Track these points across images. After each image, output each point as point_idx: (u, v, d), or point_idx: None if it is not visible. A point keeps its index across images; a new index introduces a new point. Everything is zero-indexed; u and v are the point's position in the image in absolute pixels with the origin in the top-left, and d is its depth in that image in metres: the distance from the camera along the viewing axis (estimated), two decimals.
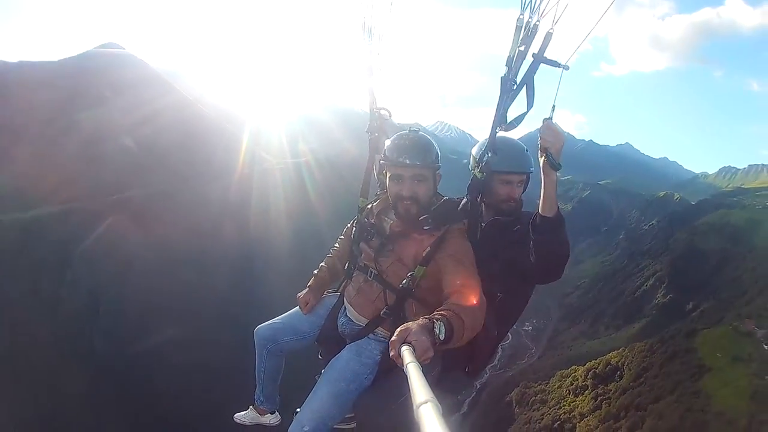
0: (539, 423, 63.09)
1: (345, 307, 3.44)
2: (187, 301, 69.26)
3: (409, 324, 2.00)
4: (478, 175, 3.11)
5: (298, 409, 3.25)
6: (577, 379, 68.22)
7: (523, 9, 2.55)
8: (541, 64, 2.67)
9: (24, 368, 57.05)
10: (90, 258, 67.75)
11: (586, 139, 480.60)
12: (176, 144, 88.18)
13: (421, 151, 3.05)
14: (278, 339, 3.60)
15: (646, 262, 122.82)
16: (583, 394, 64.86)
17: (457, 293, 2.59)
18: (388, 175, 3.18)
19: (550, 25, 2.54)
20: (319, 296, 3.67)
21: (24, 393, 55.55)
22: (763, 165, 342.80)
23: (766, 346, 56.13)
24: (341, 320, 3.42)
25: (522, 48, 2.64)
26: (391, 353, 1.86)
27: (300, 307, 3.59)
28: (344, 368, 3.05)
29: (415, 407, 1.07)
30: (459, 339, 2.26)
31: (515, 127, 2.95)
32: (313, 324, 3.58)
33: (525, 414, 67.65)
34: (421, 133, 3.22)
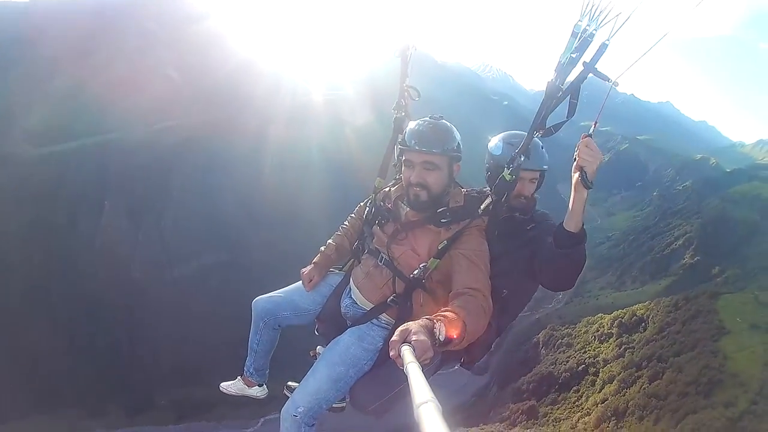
0: (564, 365, 66.18)
1: (350, 289, 3.50)
2: (227, 227, 72.51)
3: (410, 324, 2.07)
4: (508, 177, 3.11)
5: (290, 383, 3.63)
6: (603, 327, 71.35)
7: (582, 16, 2.64)
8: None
9: (62, 297, 60.67)
10: (129, 188, 69.84)
11: (627, 93, 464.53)
12: (219, 78, 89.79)
13: (435, 138, 3.09)
14: (277, 313, 3.64)
15: (676, 222, 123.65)
16: (608, 341, 68.11)
17: (465, 295, 2.70)
18: (402, 160, 3.28)
19: (606, 37, 2.62)
20: (323, 273, 3.74)
21: (59, 325, 59.35)
22: None
23: None
24: (345, 302, 3.48)
25: (574, 55, 2.72)
26: (391, 353, 1.92)
27: (303, 283, 3.65)
28: (344, 352, 3.14)
29: (415, 407, 1.10)
30: (459, 342, 2.29)
31: (553, 133, 3.06)
32: (314, 301, 3.63)
33: (551, 355, 71.01)
34: (442, 120, 3.24)
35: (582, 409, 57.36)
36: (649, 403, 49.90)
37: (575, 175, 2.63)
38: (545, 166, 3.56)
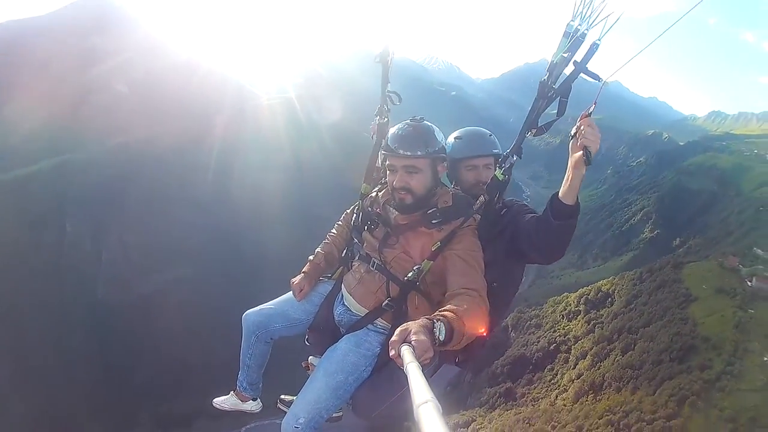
0: (536, 345, 67.08)
1: (343, 296, 3.45)
2: (188, 240, 72.41)
3: (409, 324, 2.05)
4: (500, 177, 3.13)
5: (282, 396, 3.64)
6: (570, 305, 72.44)
7: (574, 16, 2.68)
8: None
9: (30, 324, 59.42)
10: (89, 207, 69.36)
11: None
12: (168, 88, 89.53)
13: (415, 141, 3.06)
14: (269, 325, 3.57)
15: (633, 198, 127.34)
16: (576, 318, 69.10)
17: (462, 295, 2.66)
18: (386, 164, 3.25)
19: (597, 36, 2.63)
20: (313, 283, 3.67)
21: (29, 350, 58.10)
22: (753, 114, 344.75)
23: (749, 283, 59.36)
24: (338, 309, 3.41)
25: (566, 55, 2.74)
26: (391, 353, 1.91)
27: (293, 293, 3.57)
28: (342, 360, 3.07)
29: (414, 407, 1.11)
30: (458, 341, 2.29)
31: (545, 132, 3.04)
32: (307, 311, 3.57)
33: (521, 338, 71.82)
34: (424, 122, 3.20)
35: (559, 386, 57.97)
36: (625, 374, 50.51)
37: (577, 153, 2.62)
38: (495, 150, 3.64)
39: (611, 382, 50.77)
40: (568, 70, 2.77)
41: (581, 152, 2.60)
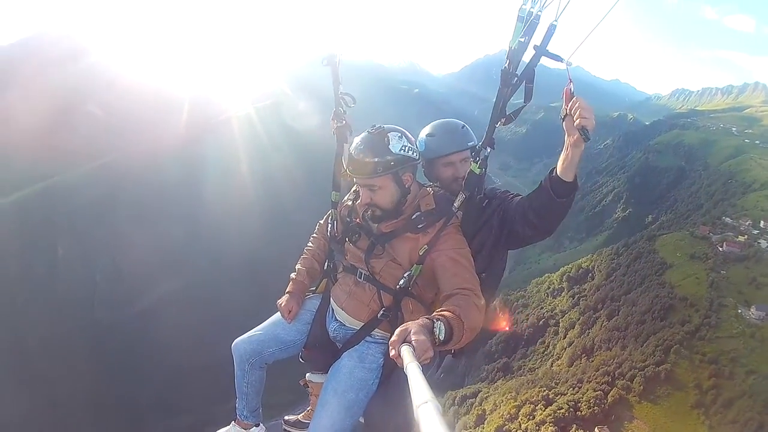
0: (526, 322, 73.00)
1: (334, 312, 3.39)
2: (180, 254, 75.12)
3: (409, 324, 2.01)
4: (477, 171, 3.02)
5: (287, 418, 3.83)
6: (553, 283, 79.19)
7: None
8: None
9: (32, 350, 62.09)
10: (79, 229, 71.54)
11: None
12: (141, 108, 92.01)
13: (367, 161, 2.95)
14: (262, 351, 3.48)
15: (603, 180, 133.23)
16: (560, 295, 75.77)
17: (457, 294, 2.61)
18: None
19: (553, 17, 2.54)
20: (300, 302, 3.58)
21: (41, 372, 60.62)
22: (717, 88, 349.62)
23: (720, 248, 66.17)
24: (332, 325, 3.36)
25: (523, 40, 2.65)
26: (391, 353, 1.87)
27: (282, 315, 3.50)
28: (350, 377, 3.03)
29: (414, 407, 1.12)
30: (458, 340, 2.24)
31: (513, 120, 2.95)
32: (299, 331, 3.51)
33: (510, 318, 76.30)
34: (380, 133, 3.02)
35: (552, 355, 64.10)
36: (613, 335, 57.21)
37: (576, 133, 2.52)
38: (471, 143, 3.51)
39: (601, 344, 57.22)
40: (529, 55, 2.71)
41: (578, 132, 2.52)
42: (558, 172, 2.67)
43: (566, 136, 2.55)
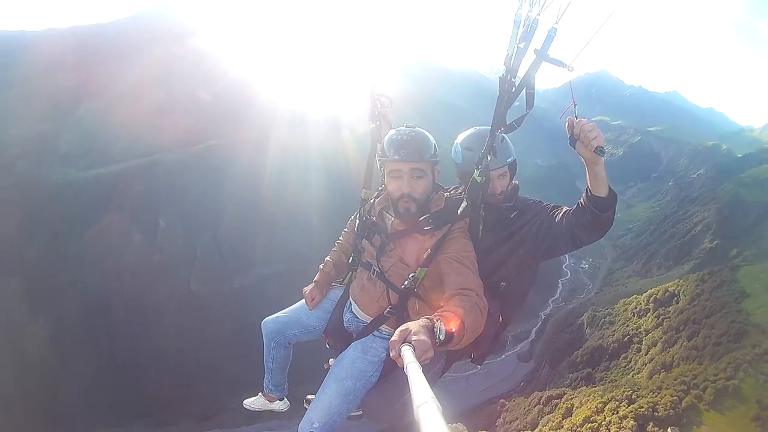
0: (611, 338, 80.00)
1: (350, 303, 3.75)
2: (277, 237, 79.31)
3: (410, 324, 2.16)
4: (478, 179, 3.28)
5: (309, 396, 3.78)
6: (640, 304, 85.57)
7: (521, 3, 2.74)
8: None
9: (121, 317, 66.36)
10: (181, 206, 75.92)
11: (635, 85, 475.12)
12: (245, 96, 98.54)
13: (417, 146, 3.27)
14: (285, 332, 3.91)
15: (694, 209, 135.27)
16: (646, 315, 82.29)
17: (459, 295, 2.81)
18: (385, 171, 3.43)
19: (553, 21, 2.67)
20: (324, 291, 3.99)
21: (126, 340, 65.27)
22: None
23: None
24: (347, 316, 3.74)
25: (521, 45, 2.81)
26: (392, 353, 1.99)
27: (306, 303, 3.91)
28: (351, 366, 3.35)
29: (415, 407, 1.16)
30: (459, 341, 2.42)
31: (515, 128, 3.20)
32: (320, 318, 3.90)
33: (597, 332, 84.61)
34: (417, 128, 3.41)
35: (633, 369, 71.42)
36: (691, 354, 64.83)
37: (589, 154, 2.68)
38: (509, 159, 3.63)
39: (679, 361, 64.87)
40: (530, 60, 2.88)
41: (593, 151, 2.66)
42: (591, 191, 2.86)
43: (582, 158, 2.76)
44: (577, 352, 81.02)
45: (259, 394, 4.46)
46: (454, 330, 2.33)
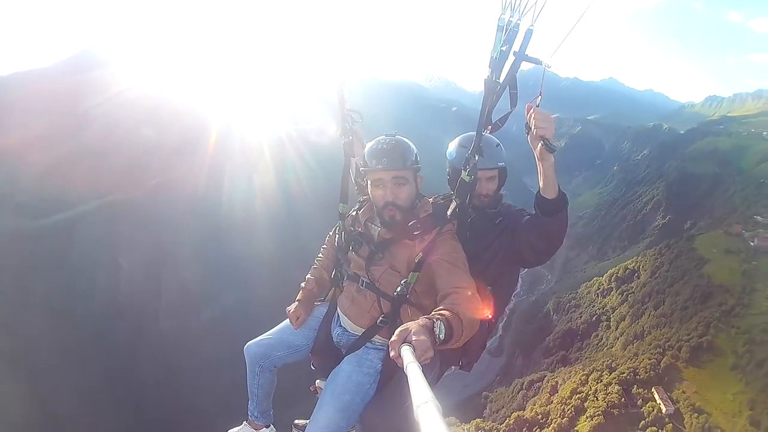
0: (579, 319, 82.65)
1: (339, 318, 3.64)
2: (235, 268, 79.14)
3: (409, 324, 2.12)
4: (467, 179, 3.26)
5: (296, 421, 3.92)
6: (603, 284, 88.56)
7: (503, 9, 2.80)
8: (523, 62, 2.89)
9: (95, 360, 63.51)
10: (138, 244, 74.61)
11: (570, 77, 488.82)
12: (188, 128, 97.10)
13: (399, 154, 3.26)
14: (271, 354, 3.76)
15: (642, 190, 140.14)
16: (609, 294, 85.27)
17: (453, 294, 2.76)
18: (369, 181, 3.40)
19: (530, 23, 2.75)
20: (309, 310, 3.84)
21: (100, 382, 62.11)
22: (747, 93, 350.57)
23: (752, 243, 76.75)
24: (336, 331, 3.61)
25: (504, 48, 2.86)
26: (392, 353, 1.96)
27: (291, 322, 3.75)
28: (347, 381, 3.24)
29: (415, 407, 1.16)
30: (458, 338, 2.40)
31: (500, 127, 3.27)
32: (306, 336, 3.76)
33: (564, 317, 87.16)
34: (398, 136, 3.41)
35: (607, 344, 73.81)
36: (660, 321, 67.62)
37: (538, 145, 2.75)
38: (501, 163, 3.72)
39: (650, 329, 67.50)
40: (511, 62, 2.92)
41: (541, 143, 2.73)
42: (541, 192, 2.90)
43: (533, 151, 2.80)
44: (548, 338, 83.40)
45: (244, 422, 4.28)
46: (453, 328, 2.35)
